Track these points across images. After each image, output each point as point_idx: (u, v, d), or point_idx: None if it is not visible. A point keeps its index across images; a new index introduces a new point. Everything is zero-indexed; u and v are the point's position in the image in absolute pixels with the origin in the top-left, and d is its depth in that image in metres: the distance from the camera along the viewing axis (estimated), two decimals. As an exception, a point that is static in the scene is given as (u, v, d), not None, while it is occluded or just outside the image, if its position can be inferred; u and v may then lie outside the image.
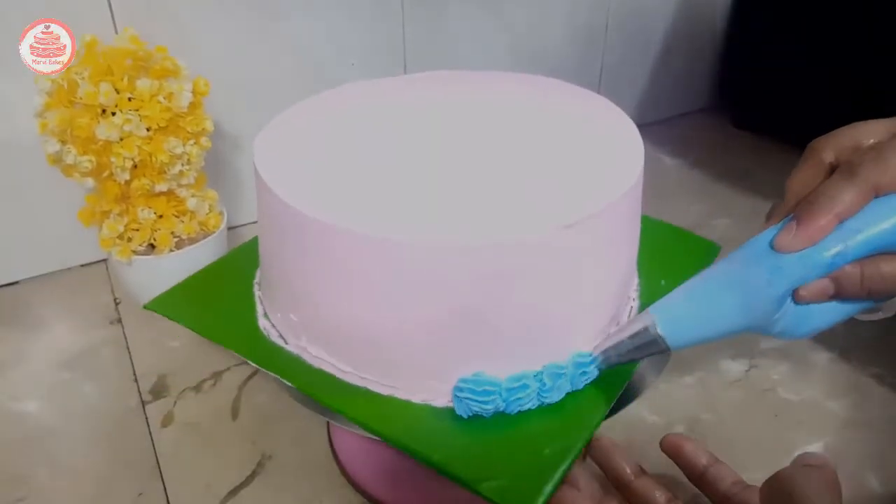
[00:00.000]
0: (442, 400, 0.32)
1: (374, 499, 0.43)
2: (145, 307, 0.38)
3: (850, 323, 0.58)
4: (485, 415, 0.32)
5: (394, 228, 0.29)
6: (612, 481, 0.36)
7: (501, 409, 0.32)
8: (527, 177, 0.33)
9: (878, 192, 0.28)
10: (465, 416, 0.32)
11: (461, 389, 0.31)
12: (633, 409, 0.36)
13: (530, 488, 0.28)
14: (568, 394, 0.33)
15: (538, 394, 0.32)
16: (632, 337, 0.31)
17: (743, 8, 0.90)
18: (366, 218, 0.30)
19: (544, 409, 0.32)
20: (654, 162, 0.88)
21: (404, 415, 0.32)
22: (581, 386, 0.33)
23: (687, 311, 0.30)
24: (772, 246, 0.29)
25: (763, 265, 0.29)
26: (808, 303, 0.30)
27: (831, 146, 0.30)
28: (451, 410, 0.32)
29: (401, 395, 0.33)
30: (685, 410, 0.49)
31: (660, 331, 0.30)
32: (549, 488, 0.28)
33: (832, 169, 0.30)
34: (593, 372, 0.33)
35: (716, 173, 0.83)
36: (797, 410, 0.50)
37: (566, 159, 0.35)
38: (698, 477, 0.36)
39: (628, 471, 0.36)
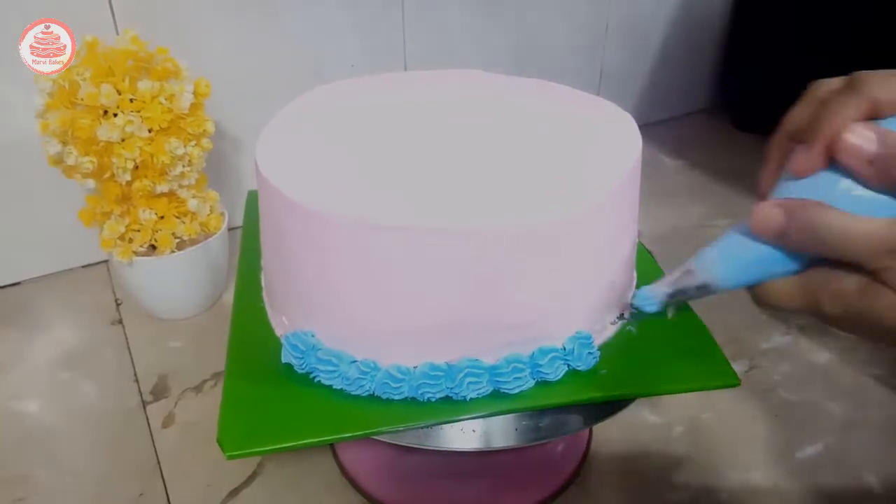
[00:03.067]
0: None
1: (374, 499, 0.43)
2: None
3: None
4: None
5: (397, 216, 0.29)
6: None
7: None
8: (526, 166, 0.33)
9: (877, 108, 0.28)
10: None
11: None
12: (634, 409, 0.36)
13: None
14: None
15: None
16: (677, 279, 0.32)
17: (743, 8, 0.90)
18: (370, 207, 0.30)
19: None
20: (654, 162, 0.88)
21: None
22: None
23: (728, 252, 0.31)
24: (790, 174, 0.29)
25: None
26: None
27: (826, 84, 0.30)
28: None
29: None
30: (685, 410, 0.49)
31: (703, 279, 0.31)
32: None
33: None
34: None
35: (716, 174, 0.83)
36: (797, 410, 0.50)
37: (564, 150, 0.35)
38: None
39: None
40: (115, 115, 0.48)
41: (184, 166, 0.51)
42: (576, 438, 0.46)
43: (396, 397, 0.32)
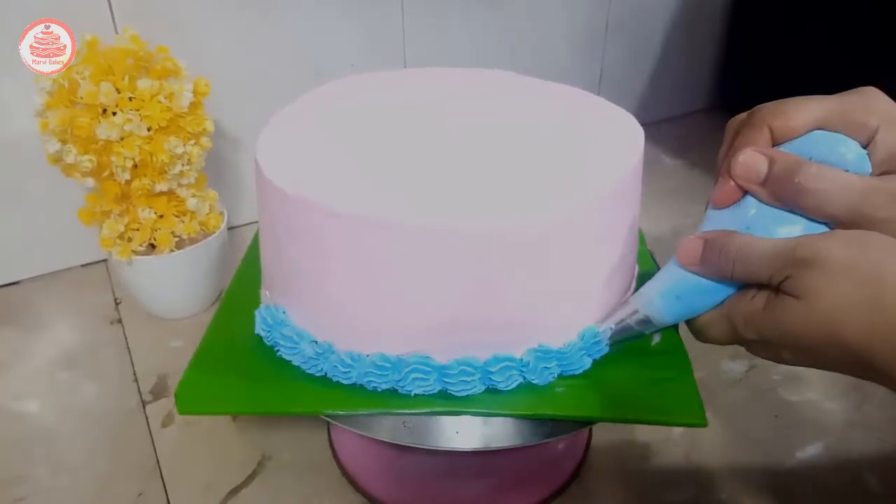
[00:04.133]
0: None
1: (374, 499, 0.43)
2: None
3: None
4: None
5: (396, 212, 0.29)
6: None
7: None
8: (527, 164, 0.33)
9: (773, 130, 0.31)
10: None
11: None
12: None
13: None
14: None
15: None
16: (620, 321, 0.34)
17: (743, 8, 0.90)
18: (373, 204, 0.30)
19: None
20: (654, 162, 0.88)
21: None
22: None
23: (666, 285, 0.33)
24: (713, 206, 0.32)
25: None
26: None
27: (736, 119, 0.34)
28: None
29: None
30: (685, 410, 0.49)
31: (646, 313, 0.33)
32: None
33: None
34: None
35: (716, 174, 0.83)
36: (797, 410, 0.50)
37: (565, 148, 0.35)
38: None
39: None
40: (115, 113, 0.48)
41: (183, 165, 0.51)
42: (576, 438, 0.46)
43: (346, 382, 0.33)
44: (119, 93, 0.48)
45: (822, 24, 0.78)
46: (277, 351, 0.35)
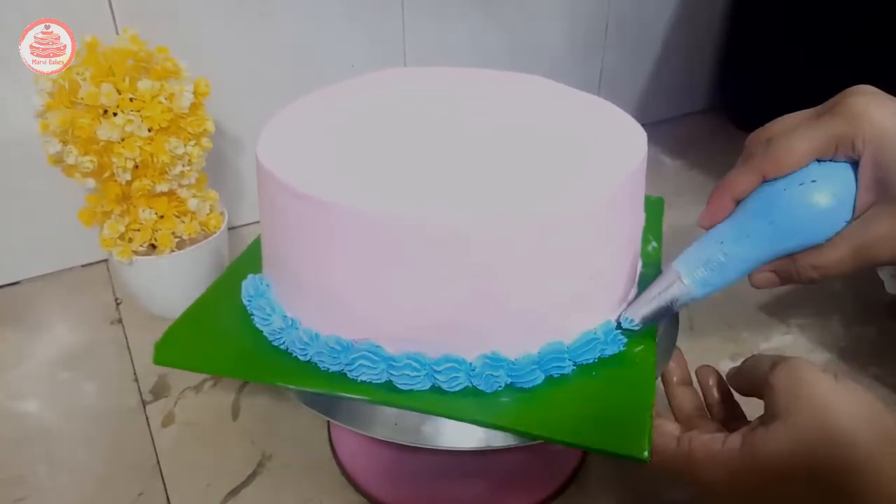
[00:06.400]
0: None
1: (374, 499, 0.43)
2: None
3: (850, 323, 0.59)
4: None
5: (403, 208, 0.30)
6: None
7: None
8: (532, 160, 0.33)
9: (765, 177, 0.35)
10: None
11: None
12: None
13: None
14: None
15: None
16: (662, 292, 0.35)
17: (743, 8, 0.90)
18: (380, 199, 0.30)
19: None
20: (654, 163, 0.88)
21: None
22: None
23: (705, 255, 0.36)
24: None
25: (766, 215, 0.35)
26: (761, 288, 0.38)
27: (753, 139, 0.38)
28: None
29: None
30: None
31: (686, 281, 0.35)
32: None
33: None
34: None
35: (716, 174, 0.82)
36: (797, 411, 0.50)
37: (570, 145, 0.35)
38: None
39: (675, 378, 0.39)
40: (115, 114, 0.48)
41: (184, 166, 0.51)
42: (576, 438, 0.46)
43: (302, 358, 0.34)
44: (120, 94, 0.48)
45: (821, 24, 0.78)
46: (254, 319, 0.37)
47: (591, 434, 0.31)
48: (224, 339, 0.37)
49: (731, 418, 0.37)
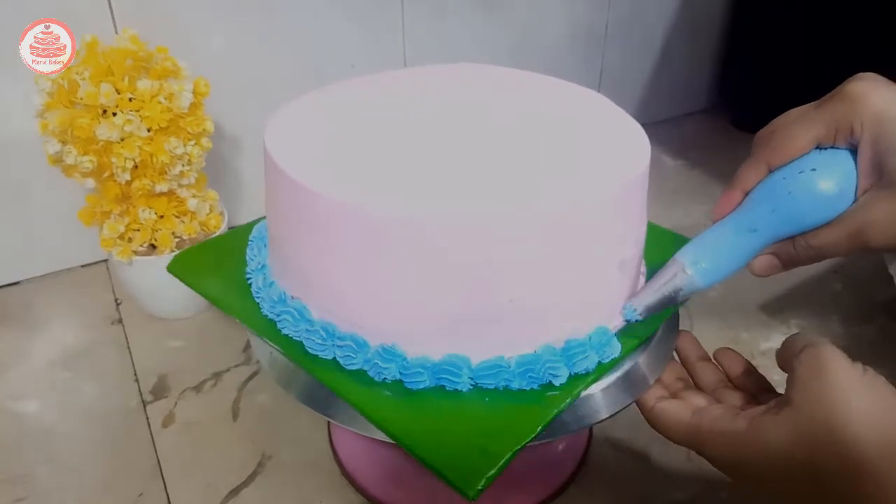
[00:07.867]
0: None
1: (374, 499, 0.43)
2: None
3: (850, 323, 0.59)
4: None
5: (408, 205, 0.30)
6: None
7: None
8: (536, 158, 0.33)
9: (770, 167, 0.36)
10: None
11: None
12: (634, 409, 0.36)
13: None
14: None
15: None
16: (666, 283, 0.35)
17: (743, 8, 0.90)
18: (383, 197, 0.30)
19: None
20: (654, 163, 0.87)
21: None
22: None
23: (709, 245, 0.37)
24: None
25: (768, 203, 0.36)
26: (760, 275, 0.38)
27: (760, 134, 0.39)
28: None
29: None
30: (685, 410, 0.49)
31: (689, 271, 0.35)
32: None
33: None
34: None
35: (716, 174, 0.83)
36: (797, 411, 0.50)
37: (572, 144, 0.35)
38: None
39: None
40: (115, 114, 0.48)
41: (183, 166, 0.51)
42: (576, 438, 0.46)
43: (271, 317, 0.36)
44: (119, 93, 0.48)
45: (821, 24, 0.78)
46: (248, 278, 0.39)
47: (435, 451, 0.30)
48: (229, 277, 0.40)
49: (760, 390, 0.37)
